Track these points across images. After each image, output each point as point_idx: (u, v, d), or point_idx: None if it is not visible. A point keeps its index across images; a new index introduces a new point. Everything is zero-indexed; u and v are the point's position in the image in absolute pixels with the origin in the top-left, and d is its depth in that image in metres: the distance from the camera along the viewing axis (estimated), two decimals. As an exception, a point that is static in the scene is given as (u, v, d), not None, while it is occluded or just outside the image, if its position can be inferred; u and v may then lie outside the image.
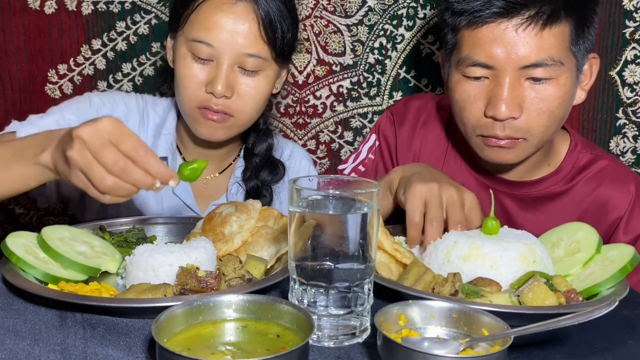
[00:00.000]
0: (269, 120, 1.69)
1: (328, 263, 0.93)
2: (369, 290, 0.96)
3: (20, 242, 1.13)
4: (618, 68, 1.88)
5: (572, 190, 1.51)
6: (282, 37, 1.48)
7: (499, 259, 1.11)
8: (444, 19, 1.44)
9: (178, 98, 1.53)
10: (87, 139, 1.01)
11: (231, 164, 1.69)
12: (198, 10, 1.46)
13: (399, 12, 1.89)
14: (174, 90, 1.54)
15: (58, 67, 1.91)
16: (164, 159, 1.60)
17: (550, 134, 1.41)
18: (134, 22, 1.90)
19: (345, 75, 1.93)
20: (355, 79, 1.93)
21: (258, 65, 1.47)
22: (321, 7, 1.89)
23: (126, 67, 1.93)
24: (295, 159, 1.74)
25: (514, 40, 1.32)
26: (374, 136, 1.71)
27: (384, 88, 1.94)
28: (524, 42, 1.32)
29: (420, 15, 1.89)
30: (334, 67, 1.93)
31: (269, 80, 1.51)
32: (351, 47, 1.91)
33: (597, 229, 1.21)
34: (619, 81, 1.88)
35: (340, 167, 1.74)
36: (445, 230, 1.25)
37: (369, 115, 1.96)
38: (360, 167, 1.69)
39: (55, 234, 1.17)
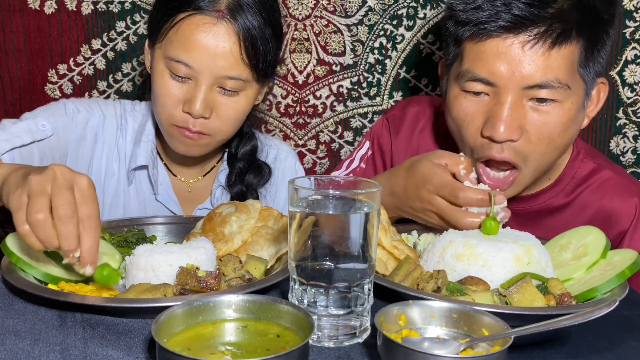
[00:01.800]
0: (255, 123, 1.66)
1: (328, 263, 0.93)
2: (369, 290, 0.96)
3: (20, 242, 1.13)
4: (618, 68, 1.87)
5: (574, 204, 1.45)
6: (264, 58, 1.44)
7: (492, 259, 1.10)
8: (447, 28, 1.38)
9: (155, 111, 1.50)
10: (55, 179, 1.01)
11: (214, 166, 1.66)
12: (177, 28, 1.41)
13: (399, 12, 1.89)
14: (151, 99, 1.51)
15: (58, 67, 1.91)
16: (144, 167, 1.57)
17: (546, 164, 1.35)
18: (134, 22, 1.90)
19: (345, 75, 1.93)
20: (355, 79, 1.93)
21: (238, 87, 1.44)
22: (321, 7, 1.89)
23: (126, 67, 1.93)
24: (281, 159, 1.71)
25: (519, 58, 1.25)
26: (367, 143, 1.67)
27: (384, 88, 1.94)
28: (529, 60, 1.25)
29: (420, 15, 1.89)
30: (334, 67, 1.92)
31: (248, 99, 1.48)
32: (351, 47, 1.91)
33: None
34: (619, 81, 1.88)
35: (334, 173, 1.70)
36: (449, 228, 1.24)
37: (369, 115, 1.96)
38: (352, 176, 1.65)
39: (55, 234, 1.16)
